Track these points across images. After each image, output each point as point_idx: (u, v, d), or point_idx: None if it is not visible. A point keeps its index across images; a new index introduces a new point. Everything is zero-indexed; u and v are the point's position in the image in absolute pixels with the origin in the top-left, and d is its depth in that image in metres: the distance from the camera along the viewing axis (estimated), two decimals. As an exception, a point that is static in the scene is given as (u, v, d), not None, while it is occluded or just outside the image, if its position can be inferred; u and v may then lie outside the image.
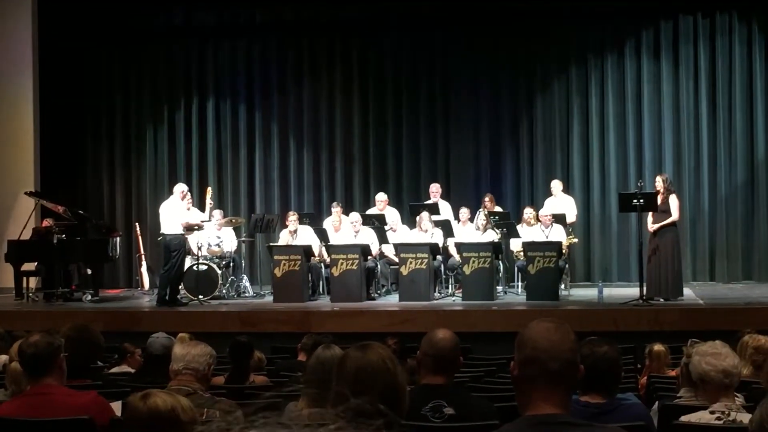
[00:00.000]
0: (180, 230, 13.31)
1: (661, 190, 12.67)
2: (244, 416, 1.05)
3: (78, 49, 17.58)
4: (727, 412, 4.40)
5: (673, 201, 12.68)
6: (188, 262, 13.86)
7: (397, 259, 13.61)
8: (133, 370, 7.92)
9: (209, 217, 14.39)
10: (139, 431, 3.26)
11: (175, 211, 13.34)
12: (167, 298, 13.25)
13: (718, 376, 4.49)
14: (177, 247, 13.26)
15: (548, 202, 14.99)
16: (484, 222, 14.03)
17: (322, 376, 3.70)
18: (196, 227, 13.83)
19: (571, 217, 14.86)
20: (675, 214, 12.69)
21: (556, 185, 15.19)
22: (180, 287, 13.62)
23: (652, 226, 12.75)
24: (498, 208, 14.99)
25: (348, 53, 17.46)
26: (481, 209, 14.58)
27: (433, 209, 14.48)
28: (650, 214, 12.76)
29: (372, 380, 2.95)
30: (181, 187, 13.75)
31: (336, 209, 14.86)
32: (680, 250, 13.23)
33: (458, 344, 4.64)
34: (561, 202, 14.94)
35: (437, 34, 17.12)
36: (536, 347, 2.78)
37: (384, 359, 3.06)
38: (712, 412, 4.45)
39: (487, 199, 14.98)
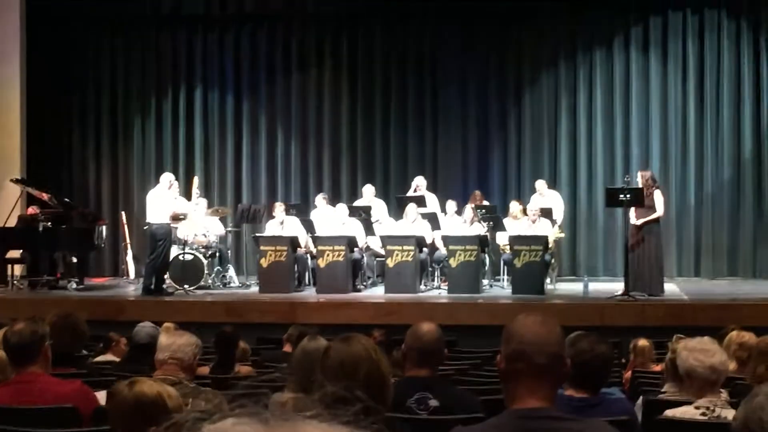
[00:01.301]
0: (166, 219, 13.29)
1: (643, 187, 12.65)
2: (222, 404, 1.05)
3: (65, 36, 17.52)
4: (711, 408, 4.42)
5: (658, 197, 12.69)
6: (174, 251, 13.83)
7: (383, 252, 13.61)
8: (117, 359, 7.91)
9: (195, 207, 14.36)
10: (126, 418, 3.25)
11: (161, 201, 13.32)
12: (153, 287, 13.23)
13: (705, 372, 4.51)
14: (163, 236, 13.23)
15: (534, 198, 14.95)
16: (471, 215, 14.03)
17: (307, 367, 3.70)
18: (182, 216, 13.81)
19: (558, 213, 14.85)
20: (660, 210, 12.72)
21: (541, 184, 15.13)
22: (165, 277, 13.59)
23: (635, 220, 12.71)
24: (485, 203, 15.01)
25: (338, 45, 17.43)
26: (469, 204, 14.56)
27: (420, 202, 14.47)
28: (633, 208, 12.74)
29: (356, 370, 2.98)
30: (168, 177, 13.72)
31: (322, 200, 14.89)
32: (662, 246, 13.25)
33: (443, 337, 4.67)
34: (548, 199, 14.93)
35: (428, 28, 17.10)
36: (523, 341, 2.79)
37: (367, 349, 3.09)
38: (697, 408, 4.46)
39: (478, 195, 15.02)
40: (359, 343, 3.12)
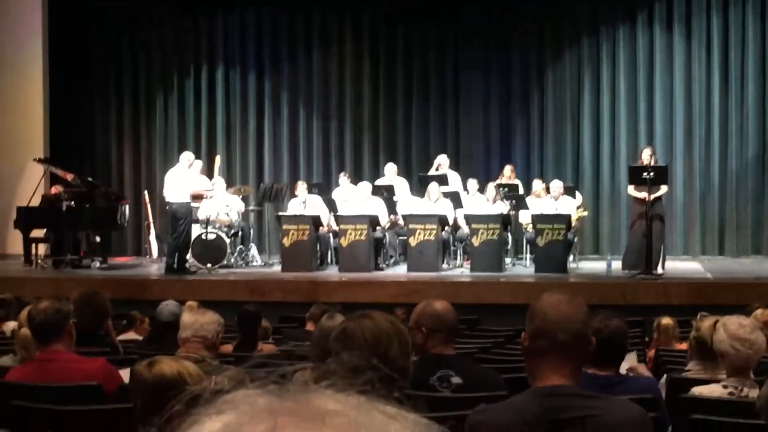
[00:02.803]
0: (185, 198, 13.31)
1: (651, 162, 12.58)
2: (245, 381, 1.04)
3: (87, 16, 17.53)
4: (740, 388, 4.38)
5: None
6: (197, 230, 13.87)
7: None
8: (140, 338, 7.95)
9: (214, 186, 14.41)
10: (147, 399, 3.25)
11: (180, 179, 13.34)
12: (175, 266, 13.28)
13: (740, 360, 4.43)
14: (183, 215, 13.26)
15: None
16: (494, 194, 13.97)
17: (325, 345, 3.71)
18: (206, 196, 13.85)
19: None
20: (666, 186, 12.70)
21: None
22: (188, 255, 13.64)
23: (642, 194, 12.56)
24: (517, 181, 14.87)
25: (359, 22, 17.38)
26: (491, 183, 14.40)
27: (443, 180, 14.43)
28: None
29: (388, 343, 2.99)
30: (187, 155, 13.75)
31: (345, 179, 14.89)
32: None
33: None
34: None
35: (449, 4, 17.01)
36: (547, 319, 2.79)
37: (394, 322, 3.11)
38: (725, 386, 4.43)
39: (509, 168, 14.92)
40: (383, 317, 3.14)
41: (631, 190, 12.90)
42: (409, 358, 3.08)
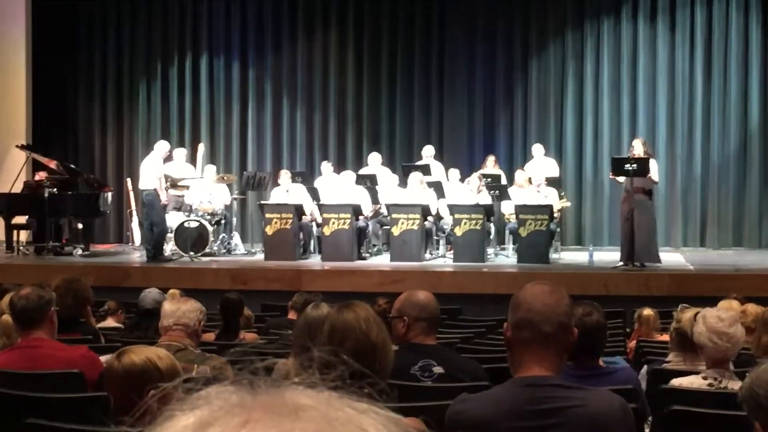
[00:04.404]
0: (156, 186, 13.24)
1: (641, 154, 12.54)
2: (226, 370, 1.05)
3: (71, 1, 17.44)
4: (719, 379, 4.40)
5: (653, 165, 12.62)
6: (180, 218, 13.82)
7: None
8: (119, 326, 7.95)
9: (201, 174, 14.36)
10: (122, 390, 3.25)
11: (152, 168, 13.26)
12: (153, 252, 13.21)
13: (719, 353, 4.45)
14: (155, 202, 13.18)
15: (529, 165, 14.97)
16: (478, 184, 13.99)
17: (309, 335, 3.72)
18: (185, 186, 13.81)
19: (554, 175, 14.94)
20: (656, 178, 12.70)
21: (538, 149, 15.19)
22: (170, 243, 13.59)
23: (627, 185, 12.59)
24: (499, 171, 14.98)
25: (344, 12, 17.34)
26: (475, 173, 14.49)
27: (425, 170, 14.45)
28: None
29: (342, 338, 3.02)
30: (162, 145, 13.70)
31: (328, 168, 14.87)
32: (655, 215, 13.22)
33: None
34: (542, 165, 14.92)
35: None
36: (530, 309, 2.79)
37: (359, 319, 3.11)
38: (704, 378, 4.45)
39: (492, 158, 15.03)
40: (353, 311, 3.14)
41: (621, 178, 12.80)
42: (372, 355, 3.05)
